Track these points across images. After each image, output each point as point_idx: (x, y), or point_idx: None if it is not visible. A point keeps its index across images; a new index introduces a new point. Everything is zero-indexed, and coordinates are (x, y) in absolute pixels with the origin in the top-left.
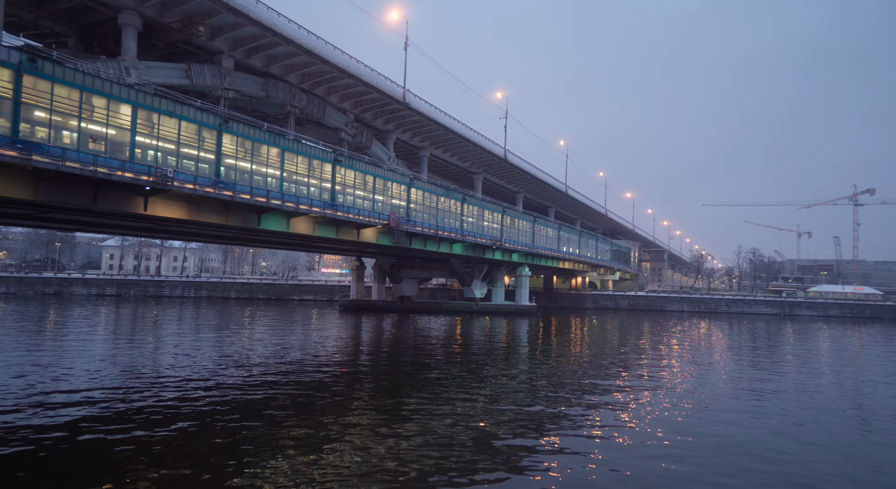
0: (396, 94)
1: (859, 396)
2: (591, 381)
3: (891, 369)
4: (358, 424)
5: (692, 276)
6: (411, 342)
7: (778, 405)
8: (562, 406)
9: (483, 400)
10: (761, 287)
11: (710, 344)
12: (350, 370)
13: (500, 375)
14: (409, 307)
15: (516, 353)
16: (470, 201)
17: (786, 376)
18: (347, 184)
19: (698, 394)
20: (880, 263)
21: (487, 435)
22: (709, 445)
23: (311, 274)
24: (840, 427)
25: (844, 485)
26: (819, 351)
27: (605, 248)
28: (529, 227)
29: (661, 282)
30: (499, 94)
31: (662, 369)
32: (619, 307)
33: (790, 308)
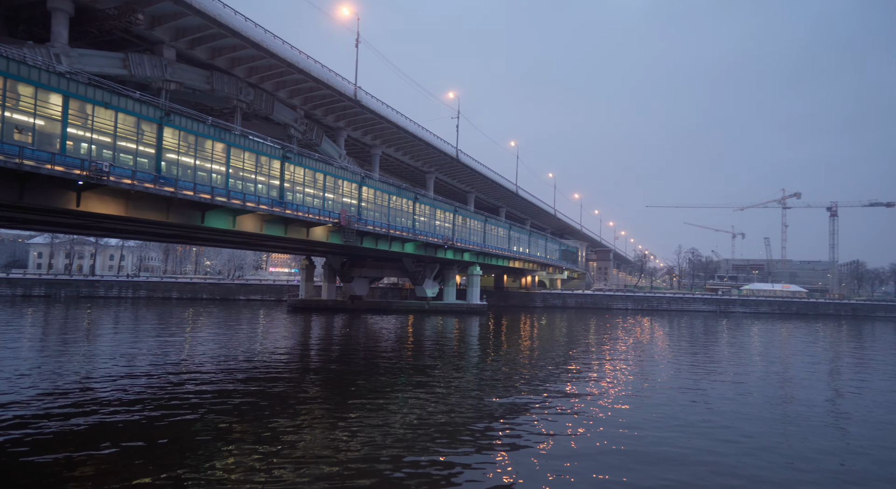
0: (348, 91)
1: (784, 389)
2: (540, 378)
3: (812, 363)
4: (307, 425)
5: (636, 275)
6: (362, 341)
7: (712, 397)
8: (512, 403)
9: (434, 397)
10: (699, 285)
11: (652, 340)
12: (299, 370)
13: (451, 373)
14: (359, 306)
15: (468, 352)
16: (422, 200)
17: (720, 371)
18: (297, 181)
19: (641, 387)
20: (805, 263)
21: (439, 432)
22: (651, 438)
23: (258, 273)
24: (767, 415)
25: (768, 466)
26: (749, 346)
27: (554, 248)
28: (481, 227)
29: (607, 280)
30: (451, 93)
31: (608, 365)
32: (567, 305)
33: (725, 305)
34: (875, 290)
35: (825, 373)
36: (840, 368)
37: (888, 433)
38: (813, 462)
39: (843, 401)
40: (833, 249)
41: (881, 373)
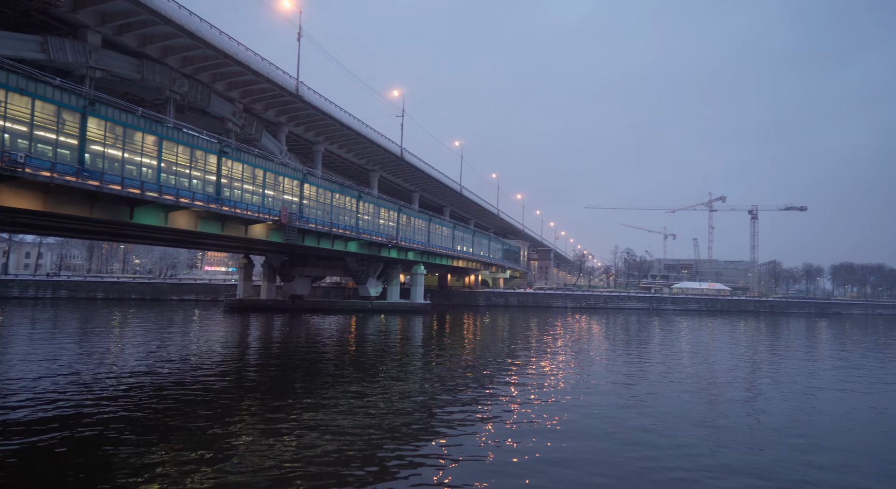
0: (289, 86)
1: (710, 381)
2: (483, 377)
3: (734, 356)
4: (243, 429)
5: (575, 274)
6: (303, 342)
7: (644, 391)
8: (454, 401)
9: (377, 397)
10: (634, 284)
11: (590, 338)
12: (235, 372)
13: (394, 373)
14: (301, 306)
15: (411, 351)
16: (366, 199)
17: (651, 365)
18: (235, 177)
19: (579, 384)
20: (729, 262)
21: (381, 432)
22: (589, 434)
23: (192, 272)
24: (694, 405)
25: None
26: (678, 341)
27: (497, 248)
28: (425, 226)
29: (548, 280)
30: (395, 92)
31: (548, 364)
32: (509, 304)
33: (658, 303)
34: (789, 289)
35: (746, 368)
36: (759, 362)
37: (801, 425)
38: (726, 454)
39: (761, 394)
40: (754, 250)
41: (795, 367)
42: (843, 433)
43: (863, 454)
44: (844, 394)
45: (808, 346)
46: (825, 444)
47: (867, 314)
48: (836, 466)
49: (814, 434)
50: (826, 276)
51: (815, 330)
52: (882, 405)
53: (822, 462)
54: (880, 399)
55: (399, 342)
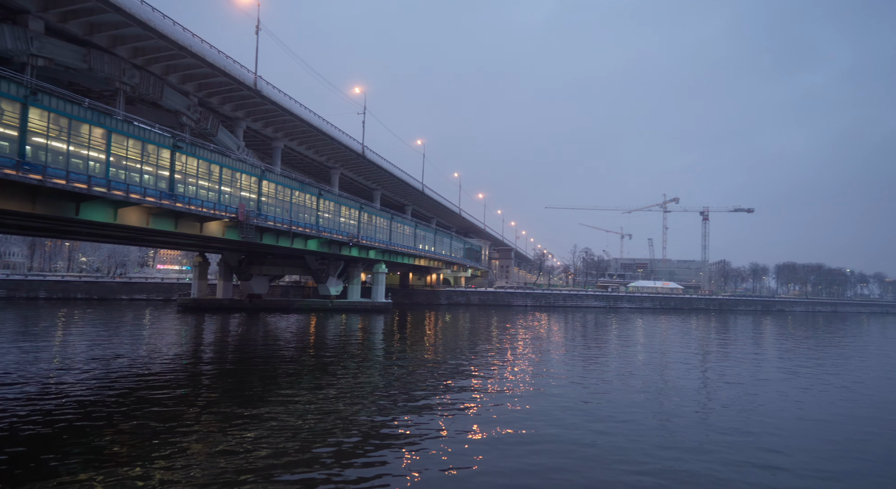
0: (247, 80)
1: (663, 377)
2: (443, 375)
3: (687, 353)
4: (197, 431)
5: (535, 273)
6: (260, 342)
7: (600, 390)
8: (415, 400)
9: (337, 397)
10: (592, 283)
11: (549, 335)
12: (188, 374)
13: (354, 372)
14: (258, 305)
15: (372, 350)
16: (326, 196)
17: (609, 363)
18: (189, 173)
19: (539, 383)
20: (682, 262)
21: (341, 432)
22: (550, 432)
23: (144, 270)
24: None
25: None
26: (635, 338)
27: (459, 247)
28: (387, 225)
29: (509, 278)
30: (357, 89)
31: (508, 361)
32: (470, 303)
33: (614, 301)
34: (738, 287)
35: (698, 363)
36: (709, 357)
37: (747, 422)
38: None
39: (711, 388)
40: (705, 250)
41: (743, 362)
42: (788, 428)
43: (804, 451)
44: (787, 389)
45: (753, 342)
46: (771, 440)
47: (808, 311)
48: (776, 461)
49: (759, 430)
50: (771, 275)
51: (761, 326)
52: (816, 400)
53: (765, 459)
54: (816, 393)
55: (359, 341)
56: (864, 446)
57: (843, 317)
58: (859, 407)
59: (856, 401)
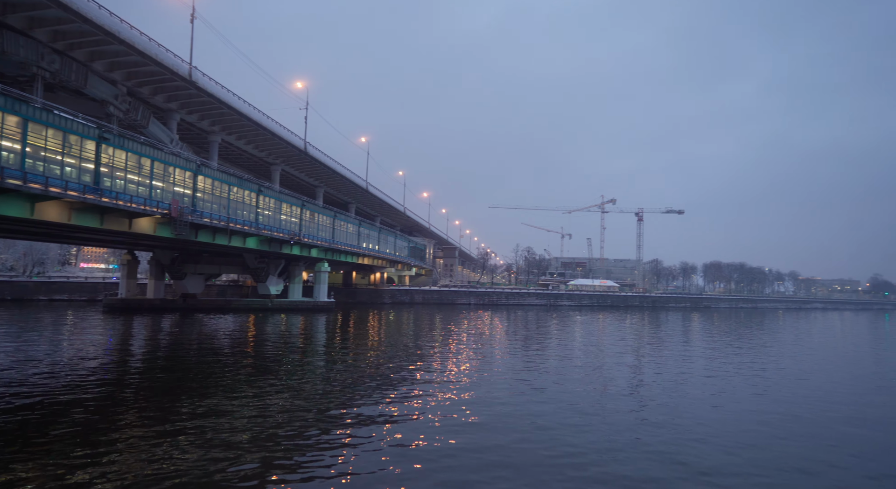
0: (181, 70)
1: (599, 371)
2: (386, 374)
3: (621, 347)
4: (121, 439)
5: (479, 272)
6: (194, 343)
7: (541, 383)
8: (357, 401)
9: (276, 399)
10: (533, 281)
11: (492, 333)
12: (114, 379)
13: (294, 373)
14: (193, 306)
15: (313, 350)
16: (266, 193)
17: (548, 360)
18: (117, 166)
19: (481, 379)
20: (618, 261)
21: (280, 435)
22: (493, 428)
23: (65, 269)
24: (584, 390)
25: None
26: (574, 335)
27: (404, 245)
28: (330, 223)
29: (453, 277)
30: (299, 83)
31: (451, 360)
32: (414, 301)
33: (555, 299)
34: (669, 285)
35: (632, 360)
36: (642, 353)
37: (679, 410)
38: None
39: (643, 382)
40: (639, 249)
41: (673, 357)
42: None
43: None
44: (713, 380)
45: (682, 338)
46: (700, 430)
47: (731, 307)
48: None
49: (686, 421)
50: (699, 274)
51: (690, 322)
52: (731, 389)
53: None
54: (735, 383)
55: (301, 341)
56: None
57: (762, 312)
58: (773, 396)
59: (769, 390)
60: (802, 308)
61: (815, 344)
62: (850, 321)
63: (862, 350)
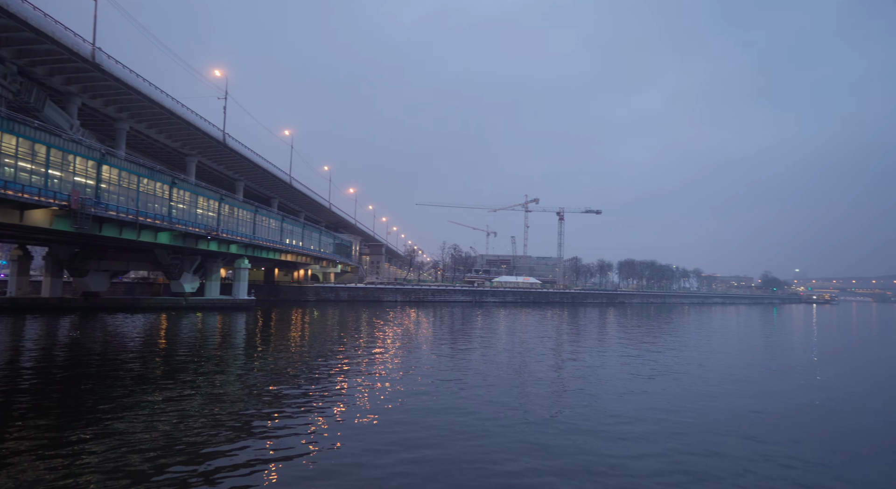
0: (82, 51)
1: (521, 365)
2: (308, 375)
3: (542, 344)
4: (17, 452)
5: (406, 269)
6: (98, 347)
7: (468, 376)
8: (278, 403)
9: (189, 404)
10: (459, 278)
11: (418, 330)
12: (2, 387)
13: (210, 376)
14: (96, 305)
15: (231, 351)
16: (181, 185)
17: (474, 357)
18: (6, 152)
19: (407, 377)
20: (541, 258)
21: (193, 442)
22: (418, 425)
23: None
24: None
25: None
26: (497, 331)
27: (329, 242)
28: (250, 218)
29: (379, 274)
30: (217, 71)
31: (377, 358)
32: (340, 299)
33: (480, 296)
34: (587, 281)
35: (552, 354)
36: (562, 347)
37: (593, 404)
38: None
39: (563, 376)
40: (560, 247)
41: (591, 350)
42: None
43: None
44: (625, 373)
45: (598, 331)
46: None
47: (643, 302)
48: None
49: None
50: (614, 271)
51: (605, 317)
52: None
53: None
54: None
55: (218, 341)
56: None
57: (669, 307)
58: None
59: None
60: (705, 302)
61: (714, 334)
62: (744, 314)
63: (755, 341)
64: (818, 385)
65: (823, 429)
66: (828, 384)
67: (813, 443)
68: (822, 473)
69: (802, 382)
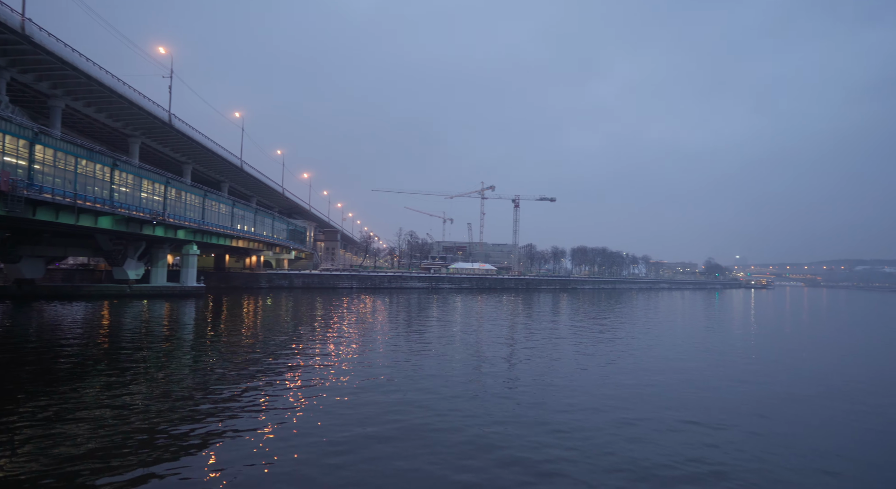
0: (10, 21)
1: (477, 349)
2: (259, 362)
3: (497, 329)
4: None
5: (361, 255)
6: (32, 335)
7: (422, 364)
8: (228, 391)
9: (134, 397)
10: (416, 264)
11: (374, 317)
12: None
13: (156, 366)
14: (31, 293)
15: (179, 340)
16: (124, 168)
17: (429, 342)
18: None
19: (361, 365)
20: (496, 245)
21: (139, 436)
22: (374, 414)
23: None
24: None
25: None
26: (453, 316)
27: (282, 227)
28: (199, 202)
29: (335, 260)
30: (161, 49)
31: (332, 346)
32: (294, 285)
33: (436, 282)
34: (542, 268)
35: (506, 339)
36: (516, 332)
37: (540, 385)
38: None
39: (515, 356)
40: (515, 234)
41: (545, 335)
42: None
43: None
44: (578, 355)
45: (552, 316)
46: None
47: (594, 288)
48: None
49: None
50: (568, 258)
51: (559, 303)
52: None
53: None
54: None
55: (165, 330)
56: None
57: (619, 292)
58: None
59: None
60: (652, 288)
61: (661, 319)
62: (689, 299)
63: (697, 325)
64: (756, 361)
65: (755, 396)
66: (766, 359)
67: (735, 406)
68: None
69: (737, 360)
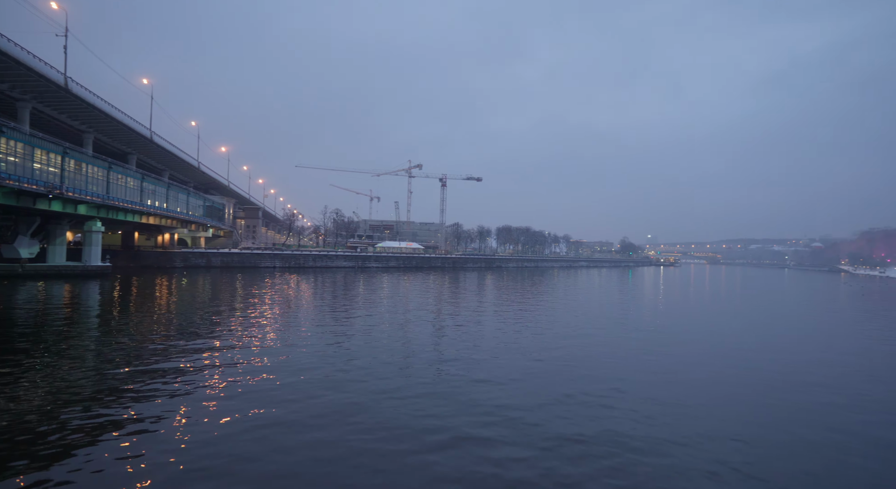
0: None
1: (403, 333)
2: (175, 346)
3: (424, 307)
4: None
5: (285, 234)
6: None
7: (350, 346)
8: (139, 381)
9: (28, 388)
10: (342, 243)
11: (298, 297)
12: None
13: (53, 354)
14: None
15: (80, 324)
16: (11, 135)
17: (356, 321)
18: None
19: (285, 344)
20: (424, 224)
21: (37, 430)
22: (299, 399)
23: None
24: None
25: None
26: (380, 296)
27: (198, 204)
28: (103, 175)
29: (256, 239)
30: (53, 3)
31: (253, 328)
32: (211, 265)
33: (363, 261)
34: (468, 247)
35: (432, 317)
36: (443, 309)
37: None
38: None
39: (442, 333)
40: (442, 213)
41: (470, 313)
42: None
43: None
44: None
45: (477, 293)
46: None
47: (518, 266)
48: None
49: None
50: (493, 236)
51: (484, 280)
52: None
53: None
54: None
55: (66, 313)
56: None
57: (542, 270)
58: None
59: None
60: (572, 266)
61: (579, 296)
62: (605, 277)
63: (612, 300)
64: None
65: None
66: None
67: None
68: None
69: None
